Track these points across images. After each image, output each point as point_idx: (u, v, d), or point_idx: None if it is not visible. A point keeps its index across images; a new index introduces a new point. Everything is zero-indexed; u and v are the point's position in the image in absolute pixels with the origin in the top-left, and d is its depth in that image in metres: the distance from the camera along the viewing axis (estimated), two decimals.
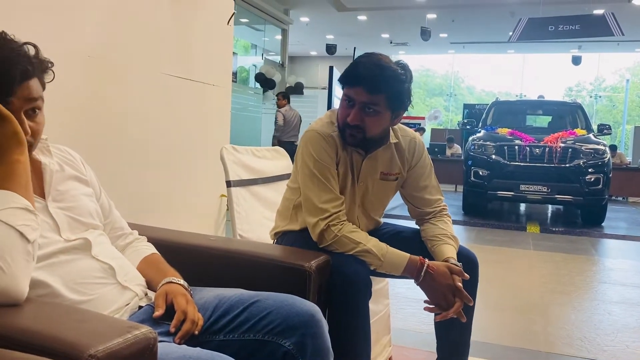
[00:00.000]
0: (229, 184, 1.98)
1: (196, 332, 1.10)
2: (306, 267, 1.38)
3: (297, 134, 8.90)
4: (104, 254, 1.16)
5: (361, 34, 14.65)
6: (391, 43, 15.83)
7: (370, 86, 1.53)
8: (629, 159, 13.08)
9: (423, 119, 16.83)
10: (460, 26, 13.49)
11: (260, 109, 10.67)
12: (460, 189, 7.97)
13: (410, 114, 16.16)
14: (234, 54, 9.00)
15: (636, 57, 19.93)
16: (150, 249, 1.36)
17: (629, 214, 8.63)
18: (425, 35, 12.30)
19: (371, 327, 1.53)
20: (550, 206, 8.65)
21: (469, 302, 1.53)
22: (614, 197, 10.37)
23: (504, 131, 7.07)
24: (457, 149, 12.26)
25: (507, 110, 8.27)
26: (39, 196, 1.10)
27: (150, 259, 1.32)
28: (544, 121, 9.00)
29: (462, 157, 8.44)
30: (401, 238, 1.77)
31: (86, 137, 1.93)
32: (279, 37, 12.91)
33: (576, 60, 14.43)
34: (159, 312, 1.10)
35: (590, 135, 6.95)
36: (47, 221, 1.09)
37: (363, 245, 1.53)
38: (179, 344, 1.05)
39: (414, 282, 1.55)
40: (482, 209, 7.46)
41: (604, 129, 7.57)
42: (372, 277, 1.54)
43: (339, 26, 13.97)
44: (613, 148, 10.28)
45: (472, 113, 13.68)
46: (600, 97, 21.31)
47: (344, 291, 1.45)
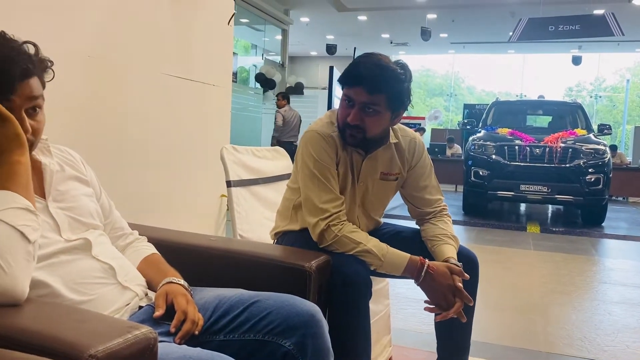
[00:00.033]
0: (229, 184, 1.98)
1: (196, 332, 1.10)
2: (306, 267, 1.38)
3: (297, 134, 8.90)
4: (104, 254, 1.16)
5: (361, 34, 14.65)
6: (391, 43, 15.83)
7: (370, 86, 1.53)
8: (629, 159, 13.08)
9: (423, 119, 16.84)
10: (460, 26, 13.50)
11: (261, 109, 10.67)
12: (461, 189, 7.97)
13: (411, 114, 16.16)
14: (234, 54, 9.00)
15: (636, 57, 19.93)
16: (151, 249, 1.36)
17: (629, 214, 8.63)
18: (425, 36, 12.30)
19: (371, 327, 1.53)
20: (550, 206, 8.65)
21: (469, 302, 1.53)
22: (614, 197, 10.37)
23: (504, 131, 7.07)
24: (457, 149, 12.26)
25: (508, 110, 8.27)
26: (39, 196, 1.10)
27: (150, 259, 1.32)
28: (544, 121, 8.99)
29: (463, 157, 8.43)
30: (401, 238, 1.77)
31: (86, 137, 1.93)
32: (279, 37, 12.92)
33: (576, 61, 14.42)
34: (159, 312, 1.10)
35: (591, 136, 6.94)
36: (47, 221, 1.09)
37: (363, 245, 1.53)
38: (179, 344, 1.05)
39: (414, 283, 1.55)
40: (482, 209, 7.46)
41: (604, 129, 7.56)
42: (372, 277, 1.54)
43: (339, 26, 13.97)
44: (613, 148, 10.28)
45: (472, 113, 13.69)
46: (600, 97, 21.30)
47: (344, 291, 1.45)
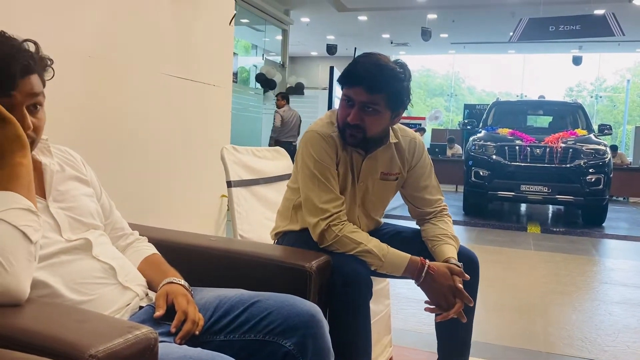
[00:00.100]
0: (229, 184, 1.98)
1: (197, 333, 1.10)
2: (307, 268, 1.37)
3: (297, 134, 8.89)
4: (104, 254, 1.16)
5: (362, 34, 14.65)
6: (392, 43, 15.83)
7: (370, 86, 1.53)
8: (629, 159, 13.07)
9: (424, 119, 16.84)
10: (460, 26, 13.49)
11: (261, 110, 10.67)
12: (461, 189, 7.97)
13: (411, 114, 16.18)
14: (235, 54, 8.99)
15: (637, 57, 19.92)
16: (151, 249, 1.36)
17: (630, 214, 8.62)
18: (425, 36, 12.30)
19: (372, 327, 1.53)
20: (550, 206, 8.64)
21: (469, 303, 1.53)
22: (614, 198, 10.37)
23: (504, 131, 7.06)
24: (457, 149, 12.25)
25: (508, 110, 8.26)
26: (39, 196, 1.09)
27: (151, 259, 1.32)
28: (544, 121, 8.99)
29: (463, 158, 8.43)
30: (402, 238, 1.77)
31: (86, 137, 1.93)
32: (279, 37, 12.92)
33: (577, 61, 14.42)
34: (159, 312, 1.10)
35: (591, 136, 6.94)
36: (48, 221, 1.09)
37: (364, 245, 1.53)
38: (179, 344, 1.05)
39: (415, 283, 1.55)
40: (482, 209, 7.46)
41: (604, 129, 7.55)
42: (372, 277, 1.54)
43: (339, 26, 13.97)
44: (614, 148, 10.27)
45: (473, 113, 13.69)
46: (600, 97, 21.29)
47: (345, 291, 1.45)
